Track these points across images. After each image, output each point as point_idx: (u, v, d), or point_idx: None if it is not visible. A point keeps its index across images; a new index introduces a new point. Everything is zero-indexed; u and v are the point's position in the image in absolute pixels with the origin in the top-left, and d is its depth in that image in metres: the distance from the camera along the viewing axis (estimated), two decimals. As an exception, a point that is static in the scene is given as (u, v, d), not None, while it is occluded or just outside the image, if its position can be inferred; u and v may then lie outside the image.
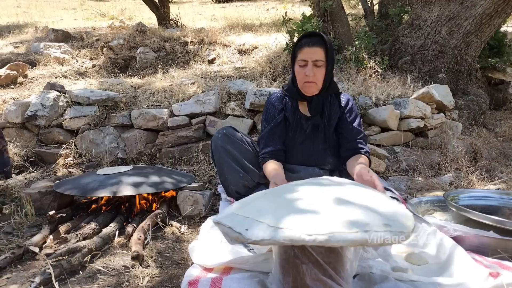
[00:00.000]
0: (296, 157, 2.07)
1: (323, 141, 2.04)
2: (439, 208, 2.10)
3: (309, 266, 1.17)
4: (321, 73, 1.90)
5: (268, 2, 11.71)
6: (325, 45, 1.88)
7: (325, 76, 1.92)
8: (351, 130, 1.99)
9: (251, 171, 2.06)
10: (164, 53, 5.01)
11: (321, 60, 1.88)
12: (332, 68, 1.94)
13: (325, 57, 1.88)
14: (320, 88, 1.94)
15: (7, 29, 6.76)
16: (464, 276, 1.36)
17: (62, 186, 2.19)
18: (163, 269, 1.63)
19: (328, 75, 1.93)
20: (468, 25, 3.84)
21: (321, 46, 1.88)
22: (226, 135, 2.07)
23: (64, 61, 4.91)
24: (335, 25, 4.30)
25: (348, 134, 1.99)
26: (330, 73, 1.94)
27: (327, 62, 1.90)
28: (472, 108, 3.89)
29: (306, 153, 2.06)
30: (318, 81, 1.91)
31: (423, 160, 3.01)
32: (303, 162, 2.06)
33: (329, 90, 2.00)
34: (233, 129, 2.13)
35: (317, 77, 1.90)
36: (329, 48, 1.89)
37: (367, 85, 3.49)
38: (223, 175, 2.09)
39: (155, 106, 3.34)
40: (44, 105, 3.24)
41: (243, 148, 2.08)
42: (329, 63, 1.90)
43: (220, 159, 2.05)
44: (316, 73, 1.89)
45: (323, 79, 1.91)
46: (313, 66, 1.88)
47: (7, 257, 1.66)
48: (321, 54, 1.87)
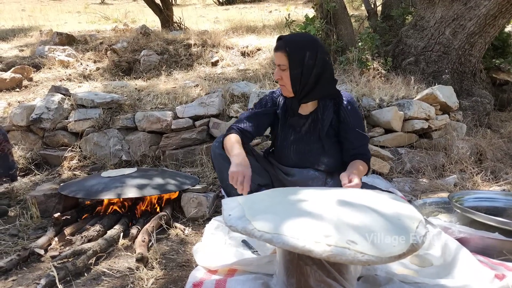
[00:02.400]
0: (289, 157, 2.06)
1: (316, 142, 2.02)
2: (443, 209, 2.09)
3: (313, 268, 1.17)
4: (286, 76, 1.91)
5: (271, 4, 11.73)
6: (286, 49, 1.88)
7: (291, 79, 1.91)
8: (356, 135, 1.96)
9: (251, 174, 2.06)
10: (168, 56, 5.03)
11: (283, 65, 1.90)
12: (300, 71, 1.89)
13: (287, 61, 1.88)
14: (291, 90, 1.94)
15: (12, 32, 6.82)
16: (469, 278, 1.35)
17: (67, 188, 2.20)
18: (168, 271, 1.64)
19: (296, 78, 1.90)
20: (472, 25, 3.83)
21: (282, 51, 1.89)
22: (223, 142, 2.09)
23: (69, 64, 4.94)
24: (338, 26, 4.30)
25: (354, 139, 1.96)
26: (298, 76, 1.90)
27: (290, 66, 1.89)
28: (477, 109, 3.87)
29: (299, 152, 2.05)
30: (286, 84, 1.93)
31: (428, 162, 3.00)
32: (297, 162, 2.04)
33: (314, 93, 1.95)
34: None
35: (284, 81, 1.92)
36: (290, 52, 1.87)
37: (370, 87, 3.49)
38: (224, 181, 2.10)
39: (159, 108, 3.35)
40: (49, 108, 3.26)
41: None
42: (293, 67, 1.88)
43: (220, 165, 2.05)
44: (283, 77, 1.92)
45: (289, 82, 1.92)
46: (279, 69, 1.92)
47: (13, 259, 1.67)
48: (282, 59, 1.89)
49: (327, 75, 1.93)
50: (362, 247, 1.01)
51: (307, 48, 1.87)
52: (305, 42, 1.90)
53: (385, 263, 1.03)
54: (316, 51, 1.88)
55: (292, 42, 1.89)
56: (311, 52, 1.87)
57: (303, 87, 1.91)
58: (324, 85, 1.94)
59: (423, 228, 1.16)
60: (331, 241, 1.02)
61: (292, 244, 1.03)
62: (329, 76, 1.95)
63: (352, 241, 1.02)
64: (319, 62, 1.88)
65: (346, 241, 1.02)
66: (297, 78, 1.89)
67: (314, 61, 1.87)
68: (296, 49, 1.88)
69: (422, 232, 1.13)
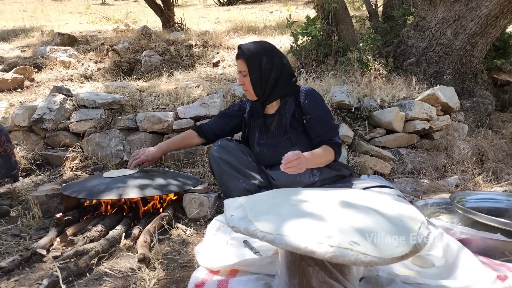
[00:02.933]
0: (265, 156, 2.19)
1: (282, 135, 2.16)
2: (445, 210, 2.09)
3: (315, 269, 1.17)
4: (248, 81, 2.09)
5: (272, 4, 11.74)
6: (244, 56, 2.06)
7: (252, 84, 2.08)
8: (317, 123, 2.09)
9: (250, 176, 2.10)
10: (169, 56, 5.04)
11: (244, 71, 2.09)
12: (259, 75, 2.06)
13: (247, 67, 2.07)
14: (254, 94, 2.11)
15: (14, 33, 6.83)
16: (471, 279, 1.35)
17: (68, 189, 2.20)
18: (169, 272, 1.64)
19: (256, 82, 2.07)
20: (473, 26, 3.83)
21: (241, 58, 2.09)
22: (221, 146, 2.18)
23: (70, 64, 4.95)
24: (339, 27, 4.30)
25: (316, 127, 2.09)
26: (257, 80, 2.07)
27: (249, 72, 2.06)
28: (478, 110, 3.87)
29: (270, 149, 2.18)
30: (249, 89, 2.11)
31: (429, 162, 3.00)
32: (271, 159, 2.16)
33: (275, 94, 2.12)
34: (226, 140, 2.26)
35: (246, 86, 2.11)
36: (247, 58, 2.05)
37: (372, 87, 3.49)
38: (223, 185, 2.13)
39: (161, 109, 3.35)
40: (51, 109, 3.26)
41: (239, 155, 2.16)
42: (252, 72, 2.06)
43: (219, 169, 2.13)
44: (245, 82, 2.11)
45: (251, 86, 2.09)
46: (241, 75, 2.11)
47: (15, 260, 1.67)
48: (242, 65, 2.09)
49: (284, 77, 2.11)
50: (365, 248, 1.01)
51: (264, 54, 2.06)
52: (261, 49, 2.09)
53: (387, 264, 1.04)
54: (273, 56, 2.07)
55: (250, 50, 2.08)
56: (268, 58, 2.06)
57: (264, 90, 2.10)
58: (282, 86, 2.12)
59: (426, 229, 1.16)
60: (333, 242, 1.02)
61: (294, 245, 1.04)
62: (287, 77, 2.12)
63: (354, 242, 1.03)
64: (276, 66, 2.08)
65: (348, 242, 1.02)
66: (257, 83, 2.08)
67: (271, 66, 2.06)
68: (253, 56, 2.06)
69: (425, 233, 1.13)
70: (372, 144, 3.04)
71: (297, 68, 4.26)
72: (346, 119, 3.14)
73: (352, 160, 2.88)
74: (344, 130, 2.95)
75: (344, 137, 2.93)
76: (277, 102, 2.17)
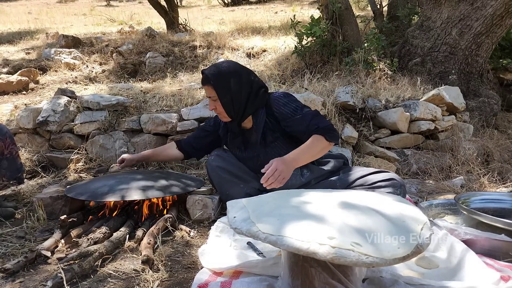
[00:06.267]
0: (254, 166, 2.14)
1: (262, 147, 2.12)
2: (450, 211, 2.08)
3: (318, 270, 1.17)
4: (219, 105, 2.03)
5: (277, 5, 11.74)
6: (210, 82, 1.99)
7: (224, 107, 2.03)
8: (297, 122, 2.02)
9: (250, 181, 2.11)
10: (173, 58, 5.05)
11: (213, 96, 2.02)
12: (230, 98, 2.00)
13: (215, 92, 2.00)
14: (228, 116, 2.06)
15: (19, 35, 6.88)
16: (475, 280, 1.34)
17: (73, 191, 2.21)
18: (173, 273, 1.64)
19: (228, 105, 2.02)
20: (478, 26, 3.81)
21: (207, 84, 2.02)
22: (218, 155, 2.19)
23: (75, 66, 4.97)
24: (344, 27, 4.29)
25: (298, 126, 2.01)
26: (229, 102, 2.01)
27: (219, 96, 2.00)
28: (484, 110, 3.84)
29: (254, 161, 2.15)
30: (221, 112, 2.06)
31: (434, 163, 2.99)
32: (258, 169, 2.06)
33: (248, 110, 2.06)
34: (222, 149, 2.28)
35: (218, 110, 2.06)
36: (214, 83, 1.99)
37: (376, 88, 3.48)
38: (224, 193, 2.14)
39: (164, 110, 3.36)
40: (55, 111, 3.28)
41: (235, 163, 2.18)
42: (222, 96, 2.00)
43: (219, 178, 2.14)
44: (216, 106, 2.05)
45: (223, 110, 2.04)
46: (211, 100, 2.05)
47: (20, 261, 1.68)
48: (210, 91, 2.02)
49: (254, 91, 2.05)
50: (366, 249, 1.01)
51: (231, 76, 2.00)
52: (227, 71, 2.02)
53: (389, 265, 1.03)
54: (240, 75, 2.02)
55: (215, 74, 2.00)
56: (235, 79, 2.00)
57: (238, 110, 2.04)
58: (254, 101, 2.06)
59: (428, 230, 1.15)
60: (335, 243, 1.02)
61: (296, 246, 1.04)
62: (256, 91, 2.06)
63: (356, 243, 1.02)
64: (244, 85, 2.02)
65: (350, 243, 1.02)
66: (229, 105, 2.02)
67: (240, 86, 2.01)
68: (220, 79, 2.00)
69: (427, 234, 1.12)
70: (376, 145, 3.03)
71: (302, 69, 4.26)
72: (351, 120, 3.14)
73: (357, 161, 2.87)
74: (349, 130, 2.94)
75: (348, 138, 2.92)
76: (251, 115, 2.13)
